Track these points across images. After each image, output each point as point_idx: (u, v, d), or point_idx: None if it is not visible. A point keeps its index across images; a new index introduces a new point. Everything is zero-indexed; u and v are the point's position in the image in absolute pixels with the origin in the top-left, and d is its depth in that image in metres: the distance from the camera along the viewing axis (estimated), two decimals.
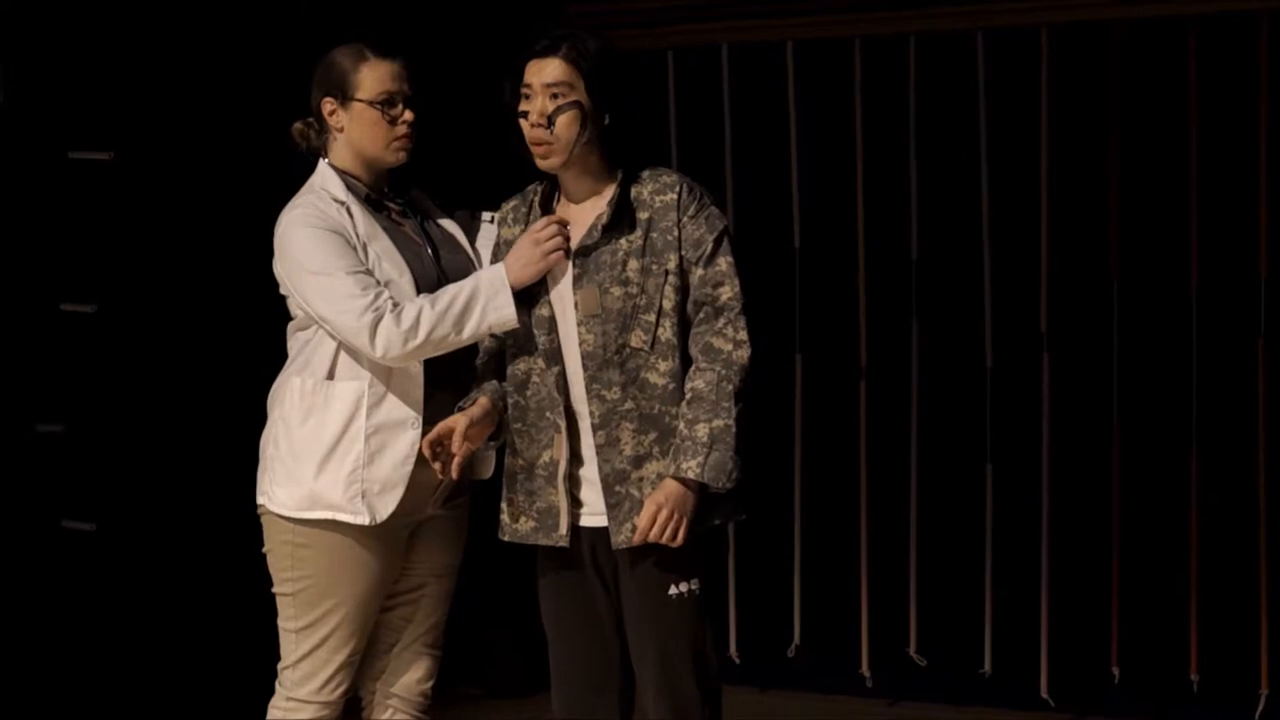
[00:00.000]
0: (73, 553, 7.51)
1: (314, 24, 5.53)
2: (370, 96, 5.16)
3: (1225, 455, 7.71)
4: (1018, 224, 7.94)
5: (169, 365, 7.59)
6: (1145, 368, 7.83)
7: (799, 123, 8.24)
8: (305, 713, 5.26)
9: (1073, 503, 7.95)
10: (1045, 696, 7.88)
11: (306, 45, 5.42)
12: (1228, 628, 7.68)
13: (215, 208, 6.22)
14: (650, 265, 4.93)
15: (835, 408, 8.29)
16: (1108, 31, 7.72)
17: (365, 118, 5.17)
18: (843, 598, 8.28)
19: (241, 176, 5.43)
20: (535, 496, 5.05)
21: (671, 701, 5.01)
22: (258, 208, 5.27)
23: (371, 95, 5.16)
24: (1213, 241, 7.66)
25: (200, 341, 7.36)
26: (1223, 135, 7.63)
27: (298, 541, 5.18)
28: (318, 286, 5.04)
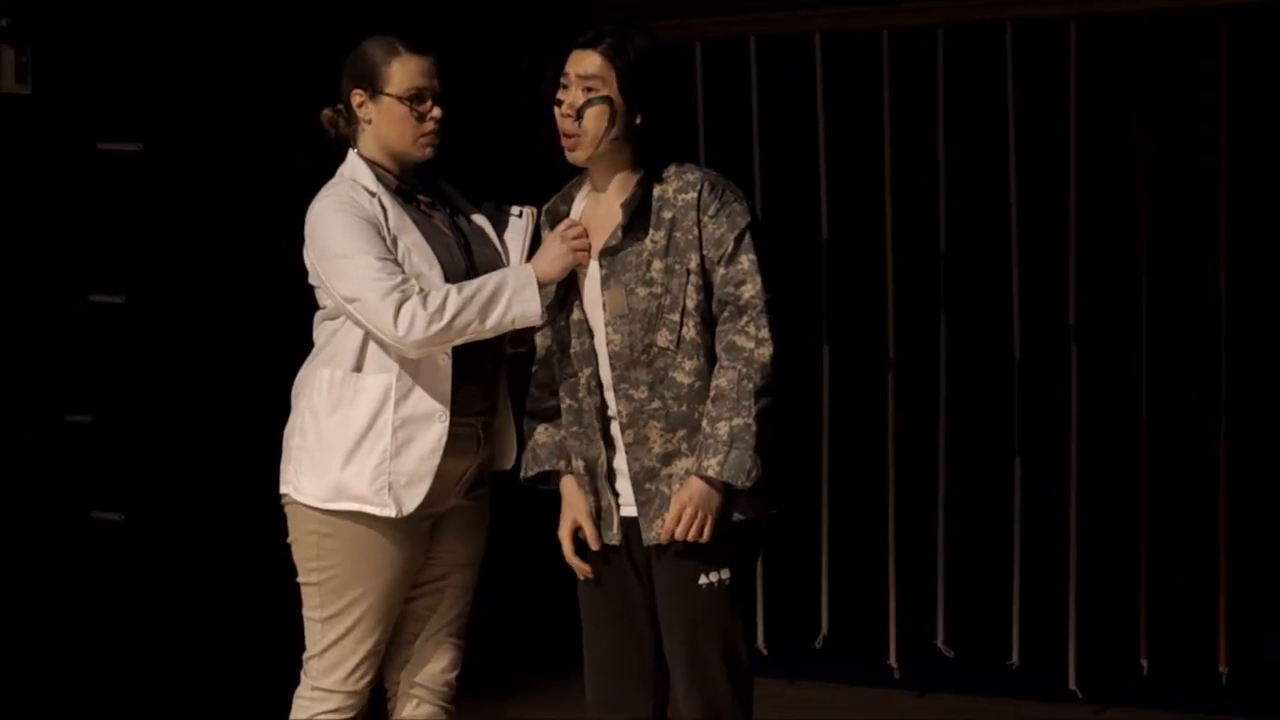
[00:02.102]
0: (102, 542, 7.55)
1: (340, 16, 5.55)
2: (399, 92, 5.16)
3: (1254, 448, 7.72)
4: (1046, 217, 7.95)
5: (196, 355, 7.61)
6: (1173, 361, 7.84)
7: (827, 115, 8.24)
8: (330, 702, 5.28)
9: (1101, 495, 7.95)
10: (1073, 688, 7.87)
11: (331, 37, 5.44)
12: (1257, 619, 7.69)
13: (241, 199, 6.28)
14: (674, 265, 4.95)
15: (863, 400, 8.29)
16: (1136, 23, 7.72)
17: (393, 113, 5.17)
18: (870, 589, 8.27)
19: (267, 168, 5.45)
20: (594, 495, 5.10)
21: (703, 692, 5.03)
22: (283, 199, 5.30)
23: (401, 90, 5.16)
24: (1241, 236, 7.68)
25: (226, 332, 7.41)
26: (1251, 128, 7.63)
27: (323, 531, 5.19)
28: (345, 268, 5.04)
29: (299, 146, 5.46)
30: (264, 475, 5.34)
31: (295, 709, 5.35)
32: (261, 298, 5.64)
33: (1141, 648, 7.87)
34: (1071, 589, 7.94)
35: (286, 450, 5.28)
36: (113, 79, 7.54)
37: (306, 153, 5.44)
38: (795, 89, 8.32)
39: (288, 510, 5.29)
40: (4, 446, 7.36)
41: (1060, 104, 7.88)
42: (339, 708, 5.30)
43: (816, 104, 8.27)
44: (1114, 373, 7.94)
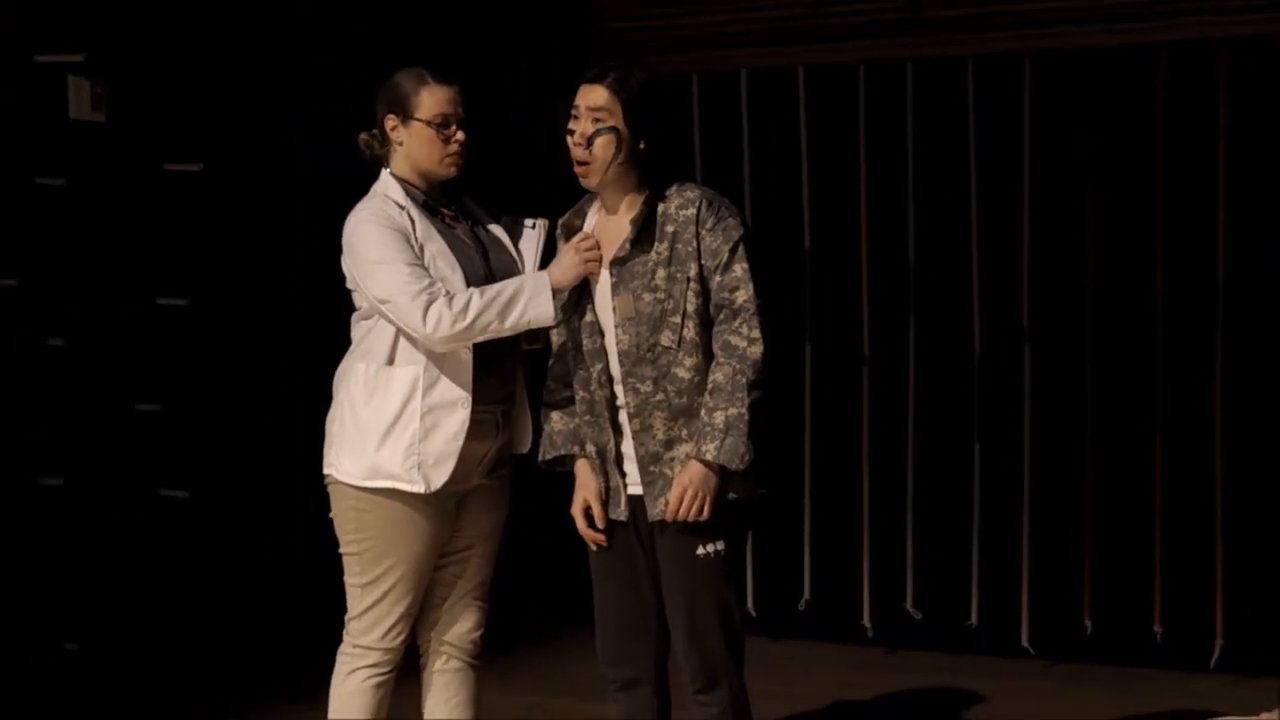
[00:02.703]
0: (169, 517, 7.54)
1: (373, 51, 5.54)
2: (428, 117, 5.16)
3: (1186, 435, 7.67)
4: (1002, 232, 7.91)
5: (251, 351, 7.61)
6: (1115, 357, 7.81)
7: (809, 140, 8.20)
8: (370, 658, 5.27)
9: (1050, 476, 7.92)
10: (1025, 645, 7.86)
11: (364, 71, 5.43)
12: (1188, 586, 7.65)
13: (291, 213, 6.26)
14: (676, 273, 4.94)
15: (841, 392, 8.25)
16: (1083, 58, 7.69)
17: (422, 135, 5.18)
18: (847, 558, 8.26)
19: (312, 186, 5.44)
20: (604, 476, 5.09)
21: (700, 649, 5.03)
22: (327, 213, 5.29)
23: (429, 116, 5.16)
24: (1176, 246, 7.63)
25: (276, 330, 7.38)
26: (1183, 153, 7.60)
27: (361, 507, 5.19)
28: (380, 273, 5.05)
29: (337, 166, 5.42)
30: (309, 457, 5.34)
31: (339, 664, 5.34)
32: (306, 301, 5.63)
33: (1085, 610, 7.85)
34: (1024, 559, 7.93)
35: (328, 435, 5.28)
36: (176, 107, 7.53)
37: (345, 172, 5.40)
38: (781, 117, 8.28)
39: (330, 489, 5.28)
40: (84, 433, 7.34)
41: (1015, 131, 7.85)
42: (377, 663, 5.30)
43: (800, 131, 8.23)
44: (1062, 368, 7.90)
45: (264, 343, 7.55)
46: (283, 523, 7.47)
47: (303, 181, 7.51)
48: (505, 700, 6.67)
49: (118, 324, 7.41)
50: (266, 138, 7.65)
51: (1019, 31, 7.74)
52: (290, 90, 5.34)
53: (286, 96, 5.31)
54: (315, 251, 5.27)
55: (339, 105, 7.53)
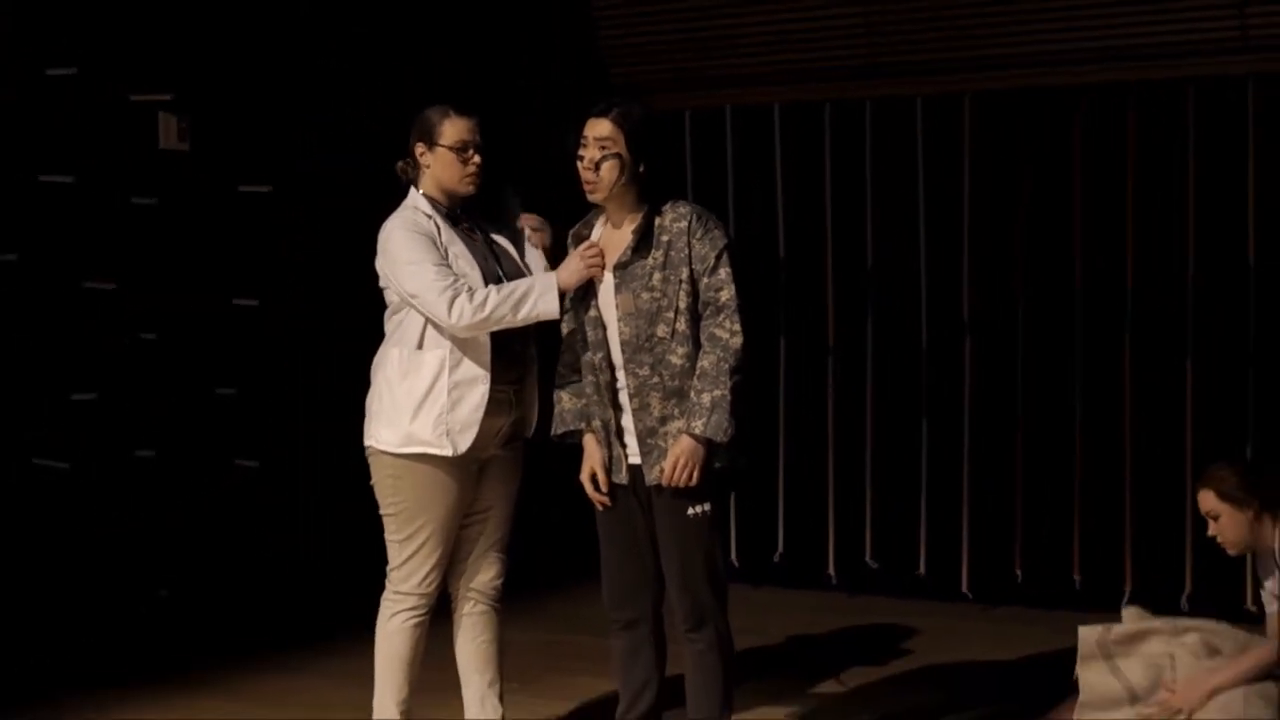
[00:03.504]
0: (243, 484, 7.54)
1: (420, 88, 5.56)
2: (449, 143, 5.19)
3: (1100, 413, 7.65)
4: (946, 242, 7.93)
5: (310, 344, 7.62)
6: (1041, 347, 7.79)
7: (783, 165, 8.24)
8: (408, 602, 5.27)
9: (986, 448, 7.89)
10: (965, 591, 7.87)
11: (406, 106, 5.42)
12: (1102, 541, 7.65)
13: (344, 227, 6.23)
14: (670, 276, 4.95)
15: (809, 377, 8.26)
16: (1015, 97, 7.72)
17: (445, 159, 5.20)
18: (815, 517, 8.26)
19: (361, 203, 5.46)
20: (608, 448, 5.07)
21: (690, 594, 5.02)
22: (370, 228, 5.30)
23: (450, 142, 5.19)
24: (1092, 255, 7.64)
25: (330, 325, 7.37)
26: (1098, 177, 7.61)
27: (396, 474, 5.19)
28: (411, 272, 5.08)
29: (382, 187, 5.40)
30: (358, 432, 5.31)
31: (382, 608, 5.34)
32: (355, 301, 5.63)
33: (1016, 561, 7.84)
34: (964, 518, 7.92)
35: (368, 412, 5.28)
36: (250, 138, 7.52)
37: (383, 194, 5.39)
38: (760, 146, 8.30)
39: (370, 459, 5.28)
40: (171, 413, 7.33)
41: (956, 159, 7.85)
42: (414, 606, 5.30)
43: (775, 157, 8.25)
44: (996, 356, 7.88)
45: (321, 336, 7.53)
46: (334, 489, 7.45)
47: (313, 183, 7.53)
48: (525, 638, 6.63)
49: (199, 321, 7.41)
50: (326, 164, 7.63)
51: (960, 75, 7.77)
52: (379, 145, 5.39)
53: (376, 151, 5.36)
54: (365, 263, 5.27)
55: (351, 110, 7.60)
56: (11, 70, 6.84)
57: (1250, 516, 5.10)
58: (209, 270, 7.45)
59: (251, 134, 7.54)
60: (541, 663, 6.69)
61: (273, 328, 7.59)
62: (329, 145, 7.65)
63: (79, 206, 7.03)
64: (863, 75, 7.95)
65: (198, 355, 7.42)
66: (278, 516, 7.64)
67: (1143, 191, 7.51)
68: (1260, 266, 7.28)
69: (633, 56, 8.29)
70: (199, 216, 7.42)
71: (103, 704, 6.20)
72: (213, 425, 7.48)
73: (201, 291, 7.43)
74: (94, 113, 7.09)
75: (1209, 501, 5.14)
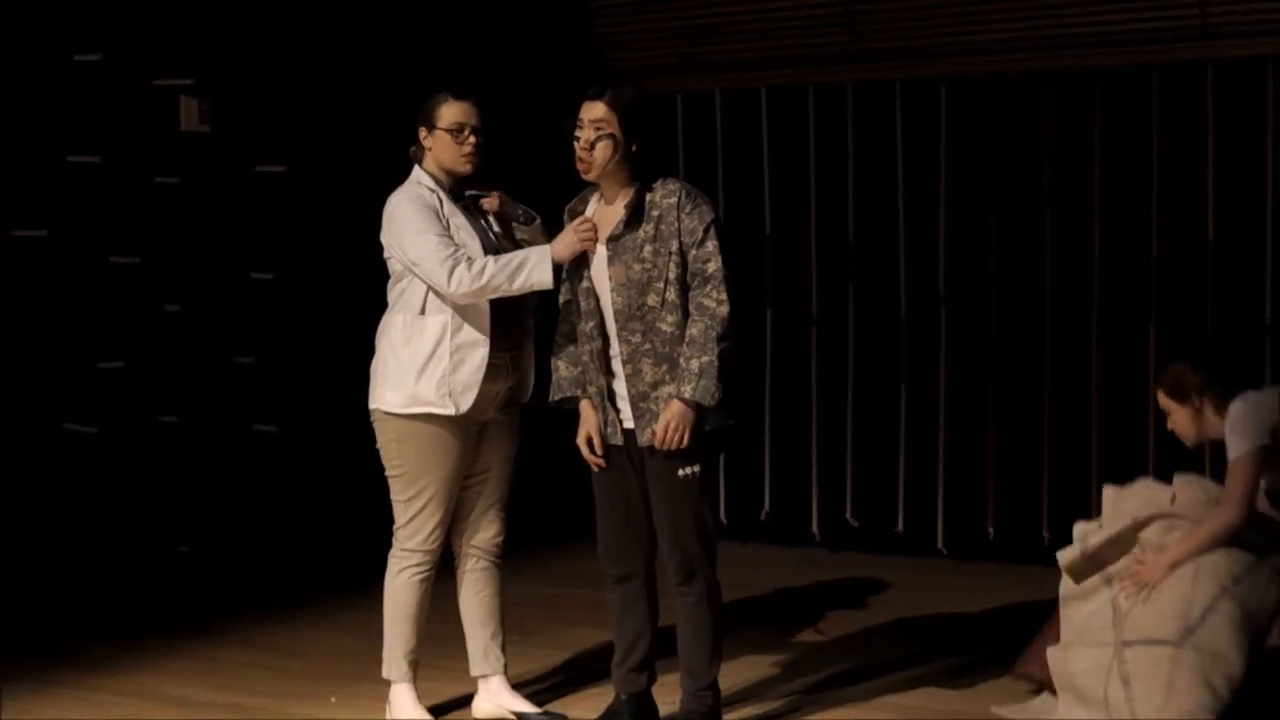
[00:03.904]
0: (260, 448, 7.52)
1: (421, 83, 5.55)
2: (447, 126, 5.19)
3: (1067, 382, 7.64)
4: (923, 218, 7.91)
5: (323, 314, 7.59)
6: (1013, 320, 7.77)
7: (770, 146, 8.22)
8: (414, 559, 5.27)
9: (961, 412, 7.88)
10: (941, 548, 7.87)
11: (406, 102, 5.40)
12: (1069, 501, 7.61)
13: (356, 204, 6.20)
14: (660, 249, 4.93)
15: (794, 346, 8.26)
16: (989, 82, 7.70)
17: (443, 140, 5.19)
18: (799, 477, 8.26)
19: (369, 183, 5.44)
20: (603, 412, 5.05)
21: (681, 550, 5.01)
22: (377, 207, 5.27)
23: (448, 125, 5.19)
24: (1061, 234, 7.63)
25: (341, 296, 7.34)
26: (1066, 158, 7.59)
27: (400, 437, 5.18)
28: (415, 241, 5.08)
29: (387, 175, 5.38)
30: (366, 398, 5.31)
31: (390, 565, 5.34)
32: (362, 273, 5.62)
33: (989, 519, 7.84)
34: (940, 479, 7.93)
35: (373, 377, 5.27)
36: (266, 120, 7.49)
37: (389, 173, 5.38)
38: (747, 128, 8.29)
39: (375, 423, 5.27)
40: (193, 380, 7.32)
41: (933, 139, 7.84)
42: (420, 563, 5.30)
43: (762, 138, 8.24)
44: (970, 327, 7.87)
45: (331, 306, 7.50)
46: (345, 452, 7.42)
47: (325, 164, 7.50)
48: (525, 592, 6.64)
49: (219, 293, 7.39)
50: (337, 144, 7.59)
51: (935, 60, 7.76)
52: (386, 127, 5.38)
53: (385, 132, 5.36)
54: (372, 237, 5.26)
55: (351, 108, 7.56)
56: (41, 57, 6.82)
57: (1193, 410, 5.22)
58: (228, 246, 7.43)
59: (268, 117, 7.51)
60: (541, 615, 6.69)
61: (288, 300, 7.57)
62: (333, 136, 7.61)
63: (105, 185, 7.01)
64: (844, 61, 7.94)
65: (218, 326, 7.40)
66: (292, 478, 7.62)
67: (1109, 171, 7.50)
68: (1218, 243, 7.28)
69: (628, 44, 8.30)
70: (218, 195, 7.39)
71: (128, 650, 6.21)
72: (232, 392, 7.46)
73: (221, 266, 7.41)
74: (119, 97, 7.05)
75: (1161, 400, 5.31)
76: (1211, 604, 4.98)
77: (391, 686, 5.34)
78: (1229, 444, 5.10)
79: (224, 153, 7.39)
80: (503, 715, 5.40)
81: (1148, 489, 5.34)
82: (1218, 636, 4.95)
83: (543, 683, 5.81)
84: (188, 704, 5.62)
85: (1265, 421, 5.08)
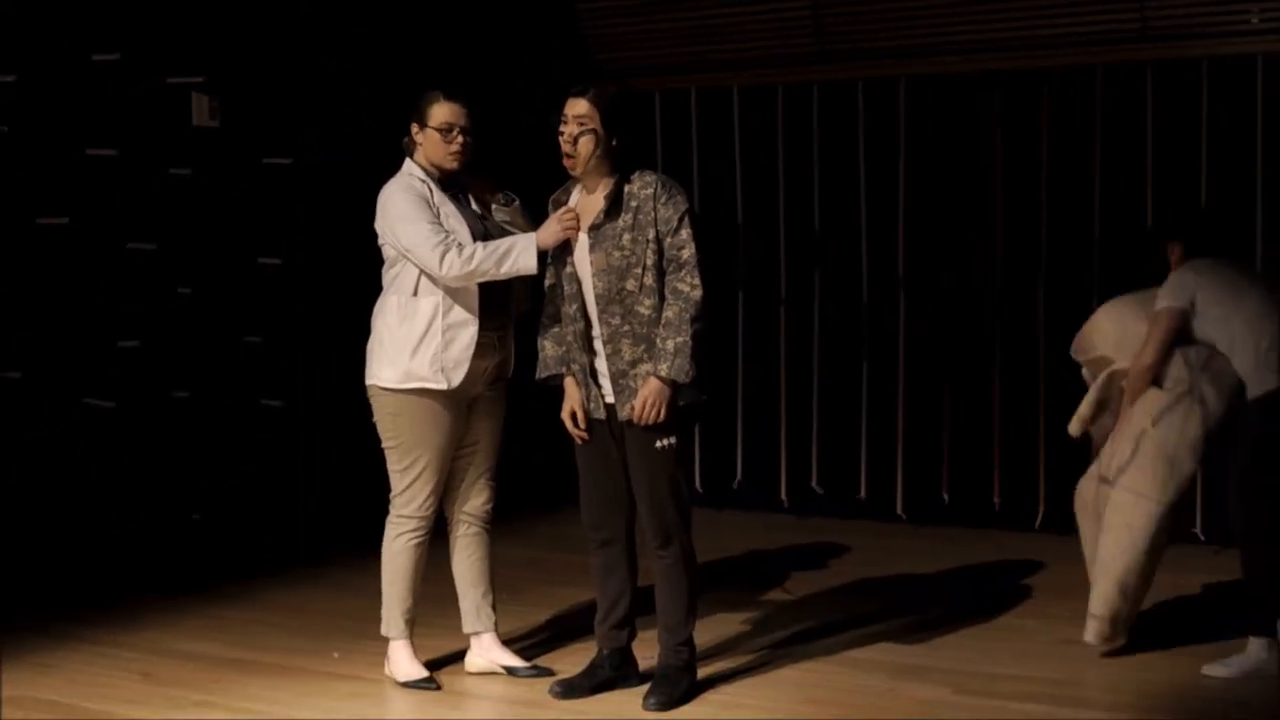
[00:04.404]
0: (268, 421, 7.50)
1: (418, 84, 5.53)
2: (436, 124, 5.15)
3: (1018, 356, 7.62)
4: (883, 208, 7.89)
5: (326, 296, 7.55)
6: (967, 300, 7.75)
7: (741, 140, 8.20)
8: (409, 525, 5.24)
9: (918, 386, 7.87)
10: (900, 513, 7.87)
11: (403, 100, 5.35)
12: (1019, 469, 7.65)
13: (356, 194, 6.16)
14: (638, 236, 4.91)
15: (763, 326, 8.23)
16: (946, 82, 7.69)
17: (432, 138, 5.16)
18: (769, 448, 8.24)
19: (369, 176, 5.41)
20: (585, 388, 5.03)
21: (658, 516, 4.99)
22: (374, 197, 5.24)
23: (437, 124, 5.15)
24: (1011, 223, 7.61)
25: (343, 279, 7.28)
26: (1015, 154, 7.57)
27: (395, 411, 5.15)
28: (408, 228, 5.05)
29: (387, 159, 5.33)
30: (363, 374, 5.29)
31: (387, 531, 5.32)
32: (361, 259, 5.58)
33: (944, 486, 7.84)
34: (899, 448, 7.92)
35: (370, 354, 5.24)
36: (272, 115, 7.46)
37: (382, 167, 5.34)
38: (720, 123, 8.27)
39: (372, 399, 5.25)
40: (205, 358, 7.28)
41: (892, 134, 7.83)
42: (415, 528, 5.28)
43: (734, 133, 8.21)
44: (929, 307, 7.85)
45: (334, 289, 7.45)
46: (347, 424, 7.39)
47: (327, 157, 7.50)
48: (514, 555, 6.64)
49: (229, 277, 7.36)
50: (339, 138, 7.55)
51: (896, 61, 7.75)
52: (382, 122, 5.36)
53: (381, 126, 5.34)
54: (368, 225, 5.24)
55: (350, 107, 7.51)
56: (63, 57, 6.78)
57: None
58: (237, 234, 7.39)
59: (274, 113, 7.47)
60: (529, 577, 6.66)
61: (292, 284, 7.54)
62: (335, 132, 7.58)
63: (122, 177, 6.98)
64: (810, 61, 7.92)
65: (227, 308, 7.37)
66: (296, 449, 7.59)
67: (1055, 164, 7.50)
68: (1156, 229, 7.26)
69: (611, 45, 8.24)
70: (228, 186, 7.36)
71: (142, 610, 6.18)
72: (241, 369, 7.43)
73: (230, 252, 7.38)
74: (134, 93, 7.02)
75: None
76: (1136, 445, 5.26)
77: (390, 643, 5.32)
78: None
79: (233, 146, 7.36)
80: (493, 669, 5.38)
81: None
82: (1140, 475, 5.23)
83: (530, 639, 5.79)
84: (197, 658, 5.59)
85: (1189, 287, 5.32)
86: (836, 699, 5.08)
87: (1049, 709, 4.95)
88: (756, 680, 5.28)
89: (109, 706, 5.09)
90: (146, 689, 5.27)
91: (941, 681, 5.23)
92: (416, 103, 5.21)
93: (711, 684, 5.19)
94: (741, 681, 5.26)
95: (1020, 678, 5.26)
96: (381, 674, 5.35)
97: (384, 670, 5.34)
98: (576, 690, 5.13)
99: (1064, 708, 4.96)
